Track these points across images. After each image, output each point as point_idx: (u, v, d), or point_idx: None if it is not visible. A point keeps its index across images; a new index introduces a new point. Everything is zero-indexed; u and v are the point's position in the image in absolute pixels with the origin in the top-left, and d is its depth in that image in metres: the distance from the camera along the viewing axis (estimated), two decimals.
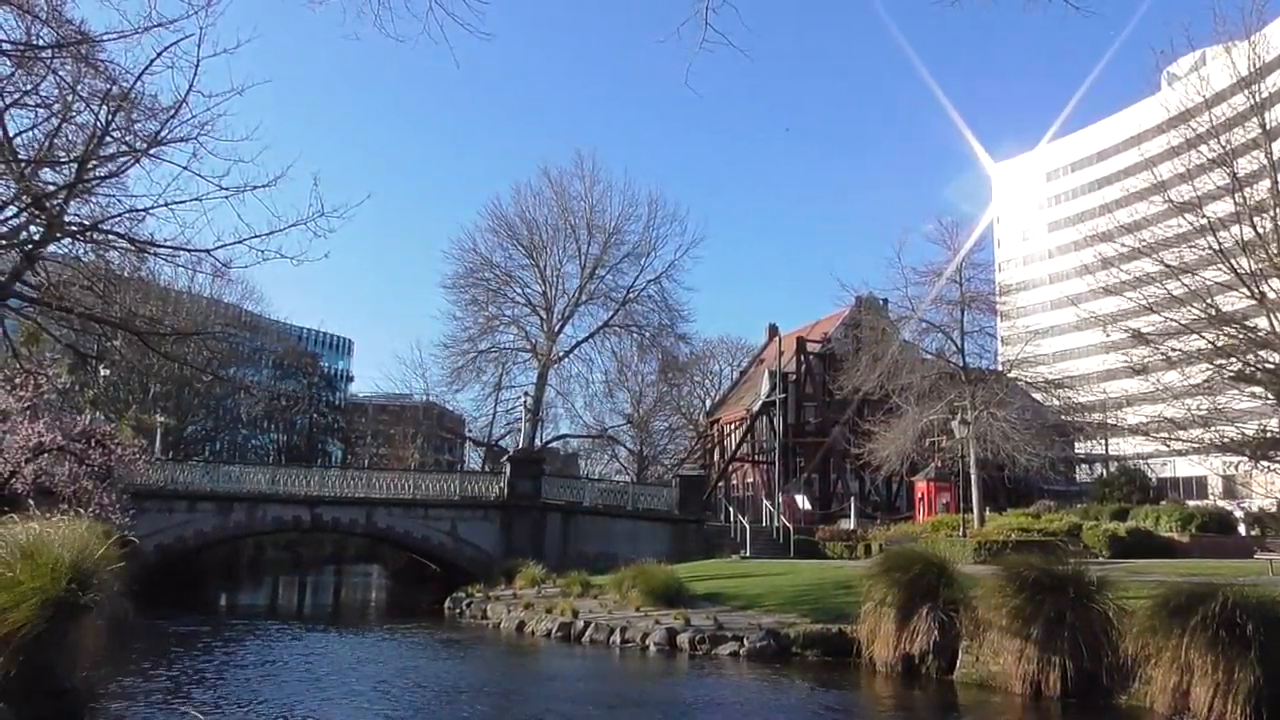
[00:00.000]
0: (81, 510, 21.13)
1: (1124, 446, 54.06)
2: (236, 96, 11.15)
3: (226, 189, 11.36)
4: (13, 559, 9.89)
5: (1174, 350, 23.44)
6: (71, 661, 9.60)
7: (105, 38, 10.64)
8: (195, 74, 10.63)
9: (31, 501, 20.66)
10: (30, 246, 12.43)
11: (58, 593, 9.48)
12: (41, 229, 12.24)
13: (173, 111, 11.53)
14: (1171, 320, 23.48)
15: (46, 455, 23.14)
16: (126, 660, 15.32)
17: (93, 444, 24.34)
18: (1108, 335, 27.45)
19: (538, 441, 60.25)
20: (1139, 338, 24.21)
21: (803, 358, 57.46)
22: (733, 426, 66.08)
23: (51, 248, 13.06)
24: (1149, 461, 53.19)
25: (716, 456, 66.96)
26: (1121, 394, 41.77)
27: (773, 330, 70.50)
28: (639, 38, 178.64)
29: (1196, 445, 25.78)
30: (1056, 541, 27.86)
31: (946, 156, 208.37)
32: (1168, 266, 23.38)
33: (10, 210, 11.87)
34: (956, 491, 38.54)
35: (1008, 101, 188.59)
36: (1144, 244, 24.33)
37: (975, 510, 34.69)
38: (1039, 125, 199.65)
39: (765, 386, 57.48)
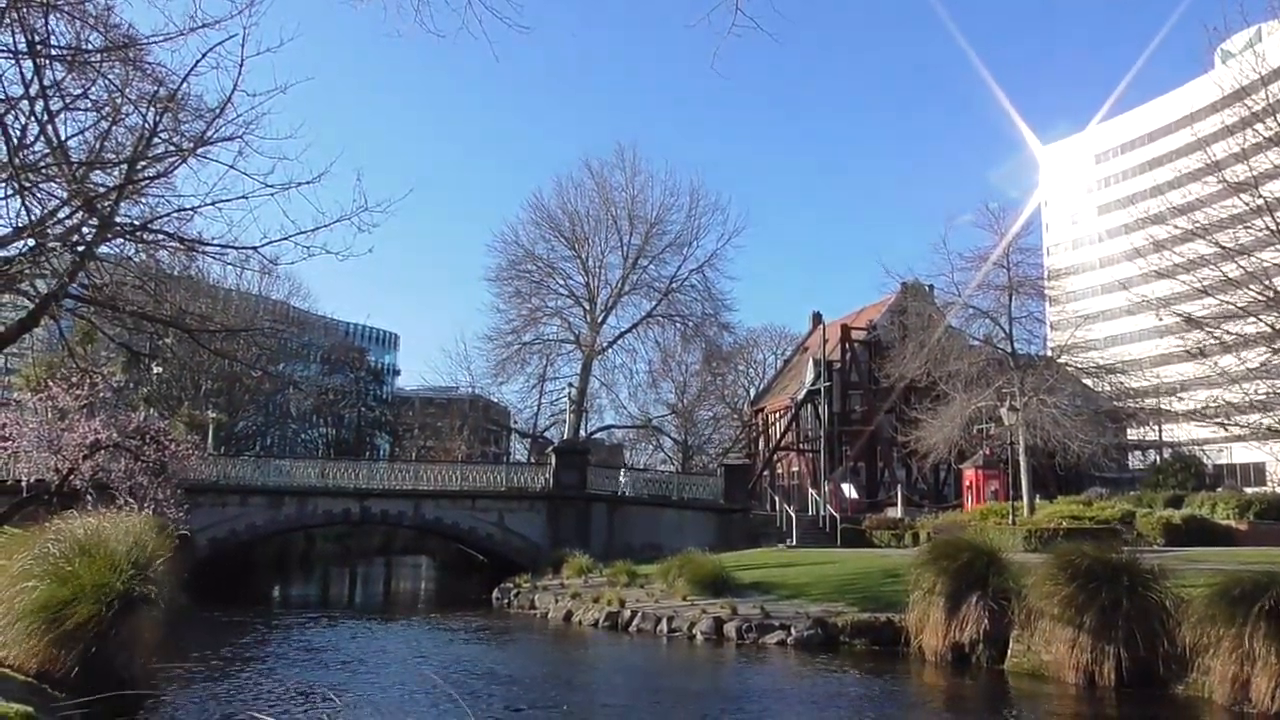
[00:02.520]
0: (137, 505, 21.60)
1: (1178, 433, 53.08)
2: (280, 94, 11.21)
3: (272, 186, 11.44)
4: (72, 554, 10.11)
5: (1230, 334, 22.90)
6: (129, 653, 9.80)
7: (152, 40, 10.77)
8: (239, 73, 10.70)
9: (89, 497, 21.18)
10: (83, 247, 12.65)
11: (116, 586, 9.66)
12: (93, 230, 12.44)
13: (218, 111, 11.63)
14: (1227, 303, 22.92)
15: (103, 452, 23.62)
16: (183, 651, 15.60)
17: (147, 440, 24.79)
18: (1160, 319, 26.91)
19: (582, 432, 60.42)
20: (1193, 322, 23.68)
21: (847, 345, 57.01)
22: (777, 415, 65.79)
23: (103, 248, 13.26)
24: (1204, 448, 52.17)
25: (761, 445, 66.73)
26: (1175, 379, 40.96)
27: (816, 318, 69.95)
28: (673, 24, 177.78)
29: (1255, 430, 25.20)
30: (1109, 529, 27.46)
31: (993, 140, 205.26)
32: (1222, 248, 22.82)
33: (64, 212, 12.08)
34: (1005, 479, 38.03)
35: (1057, 84, 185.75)
36: (1197, 226, 23.77)
37: (1025, 498, 34.23)
38: (1088, 107, 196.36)
39: (810, 375, 57.15)
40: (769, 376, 75.76)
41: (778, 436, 62.11)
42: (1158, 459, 53.43)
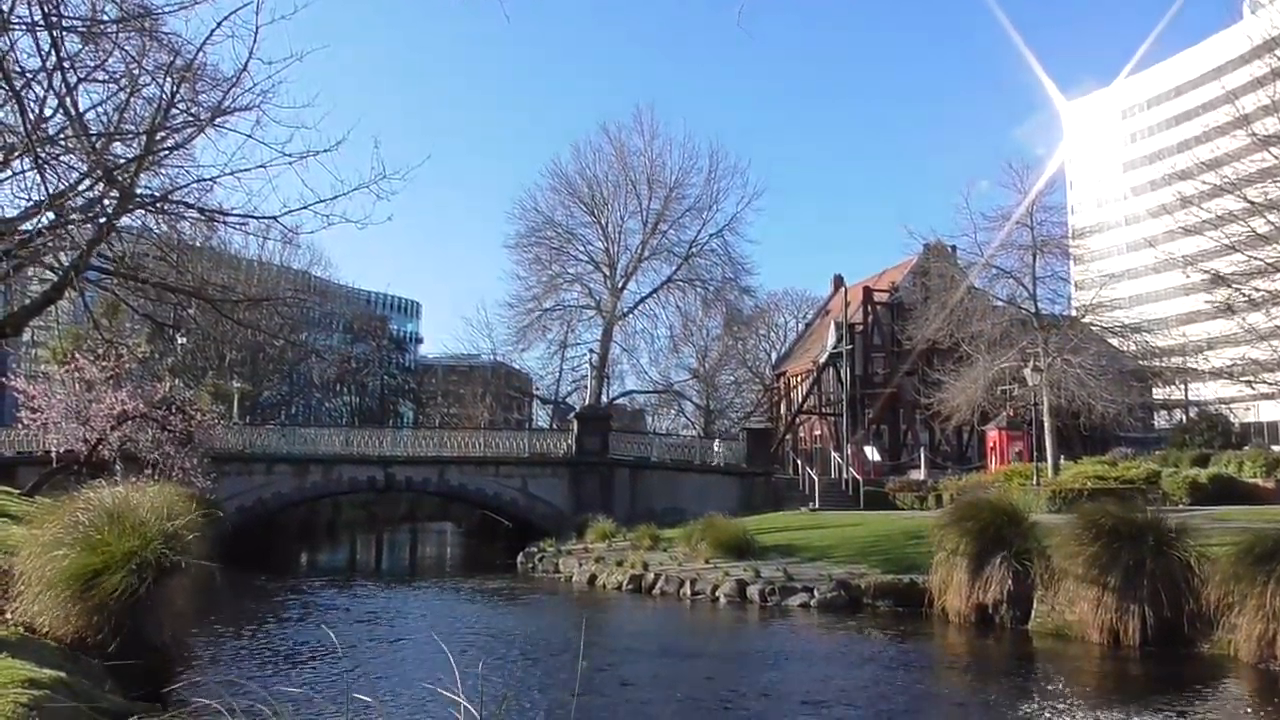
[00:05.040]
0: (165, 474, 21.90)
1: (1204, 392, 52.64)
2: (296, 63, 11.16)
3: (290, 155, 11.43)
4: (102, 523, 10.21)
5: (1258, 290, 22.62)
6: (160, 620, 9.92)
7: (166, 10, 10.75)
8: (254, 42, 10.66)
9: (118, 466, 21.48)
10: (105, 219, 12.71)
11: (146, 555, 9.77)
12: (115, 202, 12.49)
13: (234, 80, 11.61)
14: (1256, 259, 22.63)
15: (130, 422, 23.97)
16: (212, 618, 15.84)
17: (173, 411, 25.14)
18: (1188, 276, 26.61)
19: (604, 398, 60.57)
20: (1220, 278, 23.40)
21: (870, 308, 56.69)
22: (799, 379, 65.65)
23: (125, 220, 13.33)
24: (1231, 406, 51.75)
25: (783, 409, 66.69)
26: (1202, 337, 40.58)
27: (838, 281, 69.53)
28: None
29: None
30: (1134, 489, 27.32)
31: (1017, 96, 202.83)
32: (1251, 203, 22.49)
33: (85, 184, 12.13)
34: (1029, 440, 37.85)
35: (1082, 38, 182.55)
36: (1226, 180, 23.42)
37: (1049, 459, 34.08)
38: (1114, 61, 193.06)
39: (831, 338, 56.91)
40: (790, 340, 75.51)
41: (800, 400, 62.03)
42: (1184, 418, 53.04)
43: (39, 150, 9.84)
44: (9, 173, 11.40)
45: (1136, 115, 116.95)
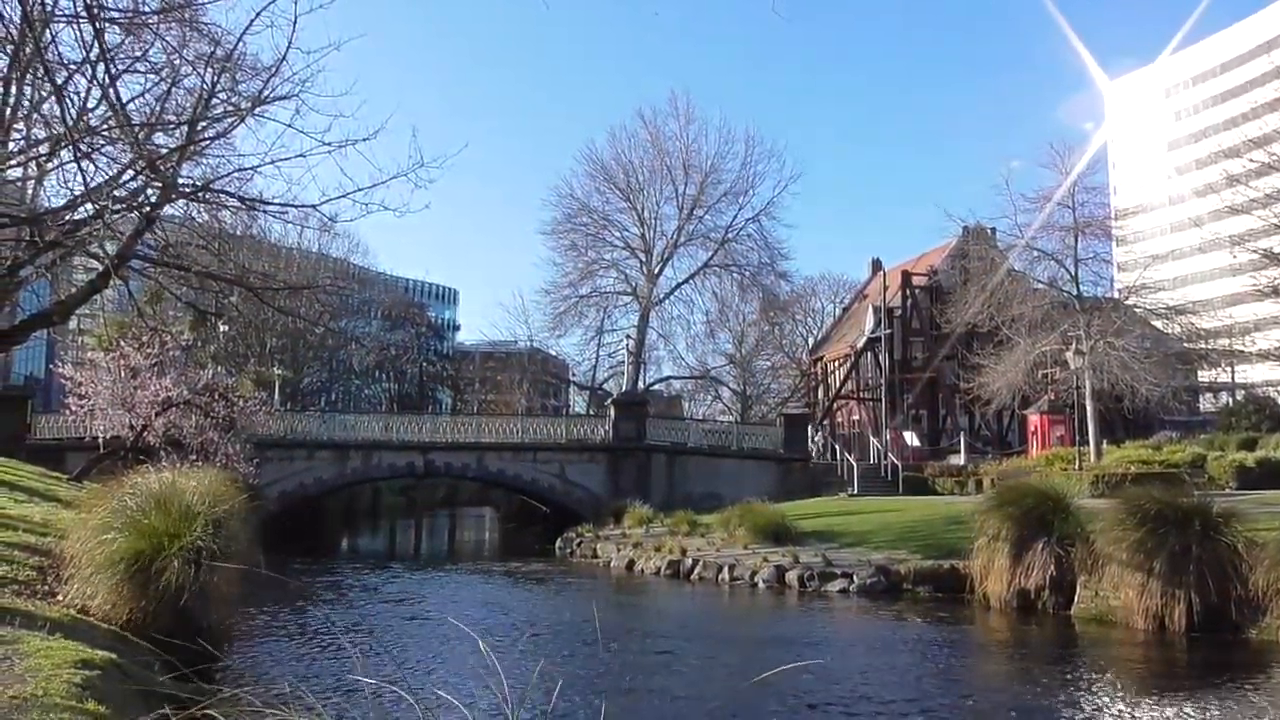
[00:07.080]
0: (209, 460, 22.21)
1: (1251, 374, 51.72)
2: (334, 51, 11.22)
3: (329, 144, 11.48)
4: (149, 508, 10.36)
5: None
6: (206, 604, 10.05)
7: (206, 1, 10.86)
8: (293, 31, 10.70)
9: (163, 452, 21.79)
10: (148, 209, 12.88)
11: (193, 539, 9.91)
12: (157, 191, 12.65)
13: (273, 70, 11.69)
14: None
15: (174, 409, 24.29)
16: (256, 601, 16.04)
17: (216, 397, 25.45)
18: (1234, 257, 26.11)
19: (641, 384, 60.66)
20: (1270, 258, 22.92)
21: (908, 291, 56.15)
22: (837, 364, 65.31)
23: (167, 209, 13.51)
24: (1279, 389, 50.80)
25: (821, 394, 66.39)
26: (1249, 319, 39.83)
27: (876, 265, 69.00)
28: None
29: None
30: (1179, 473, 26.90)
31: (1057, 75, 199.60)
32: None
33: (127, 174, 12.28)
34: (1071, 424, 37.38)
35: (1125, 15, 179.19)
36: (1275, 158, 22.92)
37: (1091, 443, 33.64)
38: (1158, 38, 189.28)
39: (869, 322, 56.54)
40: (827, 325, 75.11)
41: (837, 385, 61.71)
42: (1230, 401, 52.15)
43: (80, 141, 9.96)
44: (56, 163, 11.57)
45: (1181, 93, 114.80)
